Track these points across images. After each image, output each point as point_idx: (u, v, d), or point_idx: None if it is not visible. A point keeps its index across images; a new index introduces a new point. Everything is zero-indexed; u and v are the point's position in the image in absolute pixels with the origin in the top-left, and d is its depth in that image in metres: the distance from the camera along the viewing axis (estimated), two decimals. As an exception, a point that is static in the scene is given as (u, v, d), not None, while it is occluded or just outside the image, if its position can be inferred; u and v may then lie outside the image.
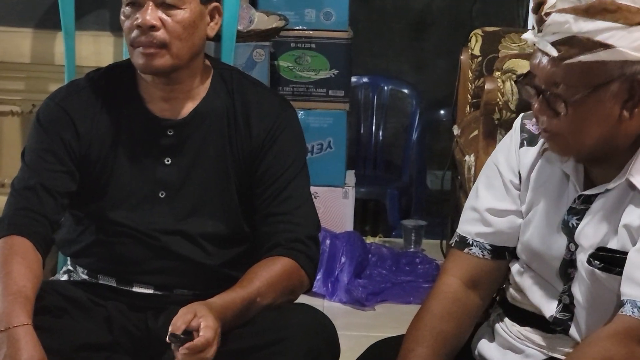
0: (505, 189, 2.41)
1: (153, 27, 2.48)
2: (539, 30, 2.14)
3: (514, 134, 2.44)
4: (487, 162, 2.48)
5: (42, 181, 2.65)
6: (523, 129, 2.42)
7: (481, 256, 2.42)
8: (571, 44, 2.14)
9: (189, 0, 2.55)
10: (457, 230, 2.48)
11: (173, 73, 2.63)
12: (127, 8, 2.56)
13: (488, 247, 2.42)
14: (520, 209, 2.40)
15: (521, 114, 2.48)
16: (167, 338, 2.36)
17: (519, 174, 2.40)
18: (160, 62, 2.56)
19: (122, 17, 2.57)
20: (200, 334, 2.35)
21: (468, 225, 2.46)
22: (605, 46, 2.13)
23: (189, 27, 2.55)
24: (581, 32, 2.14)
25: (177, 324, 2.36)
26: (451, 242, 2.51)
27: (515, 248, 2.42)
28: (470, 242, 2.44)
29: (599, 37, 2.12)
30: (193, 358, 2.38)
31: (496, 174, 2.43)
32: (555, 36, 2.16)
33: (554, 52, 2.12)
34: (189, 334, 2.38)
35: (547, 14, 2.14)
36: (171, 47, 2.52)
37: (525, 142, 2.41)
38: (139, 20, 2.49)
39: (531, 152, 2.38)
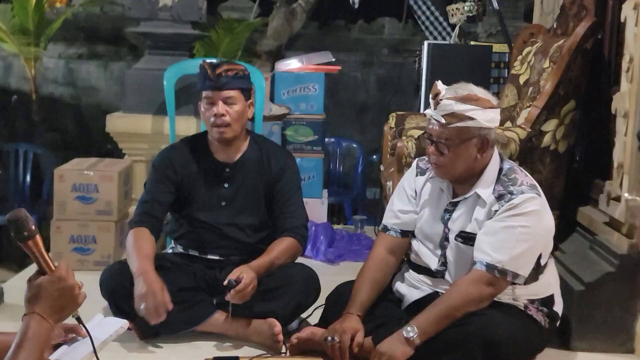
0: (407, 199, 2.68)
1: (223, 115, 2.75)
2: (435, 108, 2.39)
3: (412, 169, 2.74)
4: (398, 184, 2.79)
5: (154, 197, 2.88)
6: (417, 166, 2.71)
7: (395, 236, 2.69)
8: (452, 116, 2.36)
9: (239, 99, 2.81)
10: (382, 222, 2.77)
11: (232, 140, 2.87)
12: (205, 102, 2.82)
13: (399, 231, 2.69)
14: (416, 209, 2.64)
15: (416, 159, 2.78)
16: (226, 282, 2.56)
17: (415, 191, 2.67)
18: (227, 135, 2.83)
19: (202, 109, 2.86)
20: (242, 280, 2.58)
21: (388, 219, 2.75)
22: (471, 119, 2.36)
23: (241, 114, 2.83)
24: (459, 110, 2.36)
25: (231, 277, 2.61)
26: (379, 228, 2.78)
27: (414, 231, 2.67)
28: (389, 228, 2.72)
29: (468, 113, 2.35)
30: (239, 295, 2.60)
31: (403, 191, 2.71)
32: (443, 111, 2.37)
33: (443, 120, 2.40)
34: (239, 281, 2.57)
35: (440, 99, 2.37)
36: (232, 126, 2.81)
37: (419, 173, 2.70)
38: (215, 112, 2.78)
39: (422, 179, 2.67)
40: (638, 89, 2.71)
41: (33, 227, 1.54)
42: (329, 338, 2.49)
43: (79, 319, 1.69)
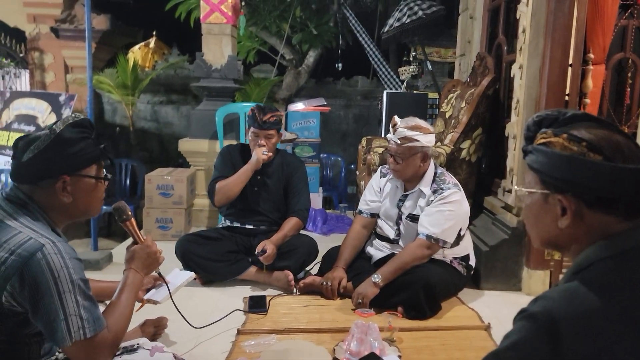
0: (374, 193, 2.65)
1: (263, 146, 2.67)
2: (394, 133, 2.32)
3: (377, 173, 2.70)
4: (368, 183, 2.74)
5: (222, 173, 2.75)
6: (381, 171, 2.68)
7: (366, 217, 2.67)
8: (405, 139, 2.31)
9: (275, 134, 2.70)
10: (358, 208, 2.73)
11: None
12: (252, 134, 2.71)
13: (369, 214, 2.66)
14: (380, 199, 2.62)
15: (380, 166, 2.74)
16: (257, 251, 2.56)
17: (380, 188, 2.65)
18: (267, 156, 2.71)
19: (250, 137, 2.72)
20: (267, 250, 2.57)
21: (362, 206, 2.70)
22: (417, 140, 2.33)
23: (275, 143, 2.72)
24: (409, 135, 2.31)
25: (259, 248, 2.58)
26: (356, 212, 2.73)
27: (378, 214, 2.65)
28: (363, 212, 2.69)
29: (415, 137, 2.30)
30: (266, 259, 2.55)
31: (372, 188, 2.68)
32: (399, 136, 2.32)
33: (399, 142, 2.37)
34: (264, 251, 2.58)
35: (397, 128, 2.36)
36: (271, 150, 2.71)
37: (382, 176, 2.67)
38: (259, 142, 2.67)
39: (384, 180, 2.64)
40: (522, 120, 2.71)
41: (129, 213, 1.56)
42: (324, 283, 2.51)
43: (160, 274, 1.70)
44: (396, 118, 2.39)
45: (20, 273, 1.17)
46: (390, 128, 2.39)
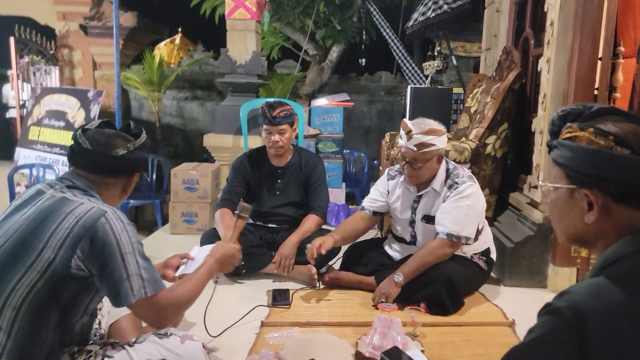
0: (380, 194, 2.60)
1: (278, 142, 2.69)
2: (408, 140, 2.28)
3: (384, 176, 2.66)
4: (375, 184, 2.71)
5: (232, 189, 2.80)
6: (388, 173, 2.62)
7: (368, 213, 2.60)
8: (420, 144, 2.27)
9: (288, 129, 2.71)
10: (362, 204, 2.71)
11: (283, 154, 2.82)
12: (265, 132, 2.74)
13: (372, 211, 2.60)
14: (386, 200, 2.58)
15: (387, 168, 2.69)
16: (273, 261, 2.61)
17: (388, 190, 2.58)
18: (280, 153, 2.75)
19: (263, 135, 2.75)
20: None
21: (365, 203, 2.67)
22: (432, 145, 2.28)
23: (289, 138, 2.74)
24: (426, 140, 2.26)
25: (277, 257, 2.60)
26: (360, 207, 2.70)
27: (382, 213, 2.61)
28: (365, 208, 2.64)
29: (430, 142, 2.26)
30: (280, 268, 2.63)
31: (377, 189, 2.63)
32: (415, 142, 2.28)
33: (415, 149, 2.32)
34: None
35: (411, 135, 2.30)
36: (284, 147, 2.74)
37: (389, 178, 2.61)
38: (272, 139, 2.70)
39: (392, 182, 2.58)
40: (549, 114, 2.67)
41: (247, 215, 1.87)
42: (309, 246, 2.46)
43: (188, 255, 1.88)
44: (408, 123, 2.32)
45: (89, 236, 1.27)
46: (403, 134, 2.33)
